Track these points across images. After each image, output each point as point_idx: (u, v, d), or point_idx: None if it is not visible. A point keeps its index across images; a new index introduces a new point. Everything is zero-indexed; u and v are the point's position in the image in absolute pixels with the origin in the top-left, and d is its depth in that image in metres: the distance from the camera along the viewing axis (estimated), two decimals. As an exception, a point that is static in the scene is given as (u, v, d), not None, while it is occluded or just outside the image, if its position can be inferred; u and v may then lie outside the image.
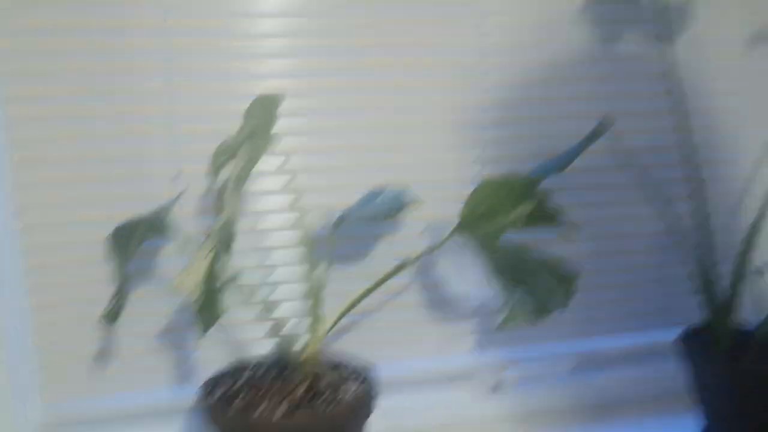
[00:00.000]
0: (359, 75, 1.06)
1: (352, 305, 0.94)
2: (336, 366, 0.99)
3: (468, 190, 1.08)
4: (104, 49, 0.98)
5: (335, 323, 0.94)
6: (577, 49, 1.12)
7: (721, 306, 1.08)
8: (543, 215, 0.98)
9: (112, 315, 0.93)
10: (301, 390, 0.91)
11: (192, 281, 0.82)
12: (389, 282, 1.10)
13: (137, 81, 1.00)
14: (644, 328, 1.23)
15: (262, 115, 0.88)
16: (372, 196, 1.07)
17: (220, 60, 1.01)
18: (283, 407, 0.87)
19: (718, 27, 1.17)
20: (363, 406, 0.90)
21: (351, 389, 0.92)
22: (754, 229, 1.07)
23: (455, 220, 0.95)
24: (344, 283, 1.09)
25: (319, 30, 1.04)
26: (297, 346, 0.92)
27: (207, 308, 0.82)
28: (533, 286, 0.98)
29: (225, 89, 1.02)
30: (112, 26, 0.98)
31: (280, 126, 1.02)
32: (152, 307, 1.05)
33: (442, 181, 1.11)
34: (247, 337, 1.09)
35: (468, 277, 0.99)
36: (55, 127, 0.98)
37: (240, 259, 1.06)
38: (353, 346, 1.12)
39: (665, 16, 1.05)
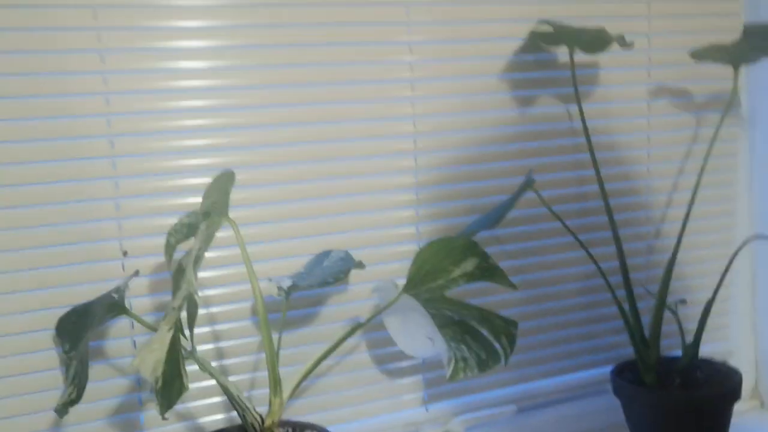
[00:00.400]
0: (301, 146, 1.10)
1: (310, 370, 0.97)
2: (293, 431, 1.01)
3: (410, 248, 1.14)
4: (47, 132, 0.99)
5: (295, 388, 0.96)
6: (500, 113, 1.21)
7: (644, 340, 1.17)
8: (485, 271, 1.05)
9: (66, 407, 0.92)
10: (266, 459, 0.93)
11: (152, 360, 0.83)
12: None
13: (83, 165, 1.01)
14: (580, 366, 1.30)
15: (217, 193, 0.91)
16: (320, 260, 1.11)
17: (164, 139, 1.04)
18: (251, 478, 0.89)
19: (623, 86, 1.28)
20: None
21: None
22: (670, 267, 1.17)
23: (400, 278, 1.01)
24: (298, 347, 1.13)
25: (262, 106, 1.08)
26: (255, 415, 0.94)
27: (168, 386, 0.83)
28: (477, 340, 1.04)
29: (169, 166, 1.04)
30: (55, 111, 0.99)
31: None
32: (102, 387, 1.04)
33: (386, 241, 1.16)
34: (199, 410, 1.09)
35: (416, 334, 1.04)
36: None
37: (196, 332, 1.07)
38: (307, 409, 1.14)
39: (575, 79, 1.16)
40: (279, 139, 1.10)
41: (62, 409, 0.92)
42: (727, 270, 1.14)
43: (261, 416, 0.94)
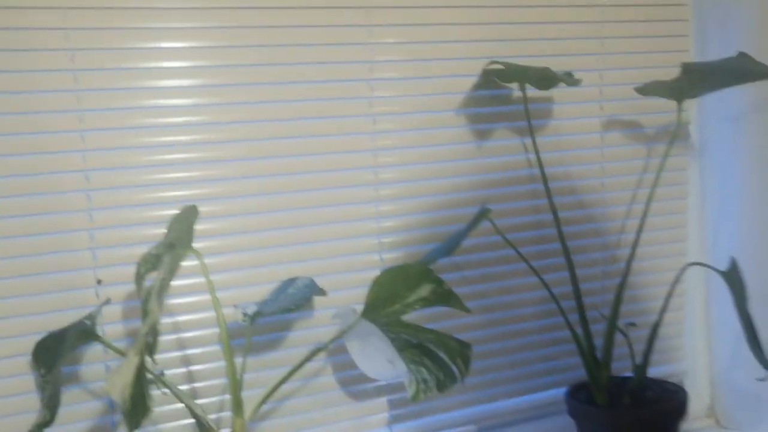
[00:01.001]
0: (268, 179, 1.17)
1: (271, 392, 1.02)
2: (260, 451, 1.06)
3: (374, 275, 1.20)
4: (24, 169, 1.05)
5: (256, 410, 1.01)
6: (458, 146, 1.28)
7: (596, 362, 1.23)
8: (440, 296, 1.11)
9: (40, 428, 0.97)
10: (228, 477, 0.98)
11: (121, 383, 0.88)
12: (305, 366, 1.19)
13: (59, 198, 1.07)
14: (537, 388, 1.36)
15: (181, 226, 0.97)
16: (284, 287, 1.17)
17: (135, 173, 1.10)
18: (213, 495, 0.94)
19: (577, 119, 1.35)
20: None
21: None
22: (619, 291, 1.23)
23: (362, 303, 1.07)
24: (263, 371, 1.18)
25: (230, 141, 1.14)
26: (222, 436, 0.99)
27: (135, 408, 0.88)
28: (435, 362, 1.10)
29: (141, 198, 1.10)
30: (32, 148, 1.05)
31: (199, 230, 1.12)
32: (78, 410, 1.09)
33: (351, 269, 1.22)
34: (177, 430, 1.14)
35: (377, 357, 1.10)
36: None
37: (163, 356, 1.13)
38: (273, 431, 1.19)
39: (528, 113, 1.23)
40: (246, 173, 1.16)
41: (36, 431, 0.97)
42: (670, 295, 1.20)
43: (225, 436, 0.99)
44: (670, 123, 1.39)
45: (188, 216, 0.97)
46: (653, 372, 1.42)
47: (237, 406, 0.99)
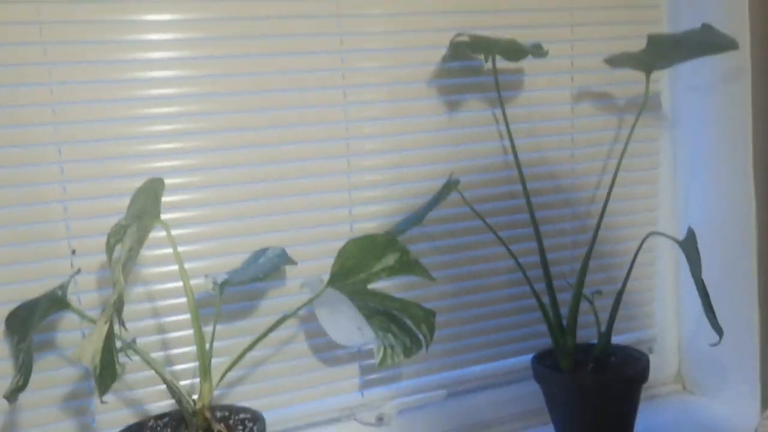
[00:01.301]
0: (240, 151, 1.19)
1: (239, 358, 1.05)
2: (227, 414, 1.10)
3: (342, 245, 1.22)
4: (2, 146, 1.07)
5: (224, 375, 1.05)
6: (429, 118, 1.29)
7: (562, 328, 1.26)
8: (405, 265, 1.13)
9: (14, 393, 1.00)
10: (197, 439, 1.01)
11: (91, 350, 0.92)
12: (279, 334, 1.23)
13: (32, 170, 1.09)
14: (505, 354, 1.39)
15: (147, 198, 0.99)
16: (256, 257, 1.20)
17: (108, 144, 1.12)
18: (182, 456, 0.98)
19: (547, 90, 1.37)
20: (254, 448, 1.01)
21: (243, 434, 1.03)
22: (586, 260, 1.26)
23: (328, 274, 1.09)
24: (235, 338, 1.21)
25: (197, 113, 1.16)
26: (188, 399, 1.03)
27: (105, 373, 0.91)
28: (402, 329, 1.13)
29: (114, 169, 1.13)
30: (5, 122, 1.07)
31: (169, 201, 1.15)
32: (55, 376, 1.13)
33: (322, 239, 1.24)
34: (146, 396, 1.18)
35: (345, 324, 1.13)
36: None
37: (137, 324, 1.16)
38: (248, 396, 1.23)
39: (498, 85, 1.24)
40: (218, 145, 1.18)
41: (11, 396, 1.00)
42: (632, 263, 1.23)
43: (194, 400, 1.03)
44: (641, 94, 1.40)
45: (154, 188, 0.99)
46: (623, 339, 1.46)
47: (204, 372, 1.02)
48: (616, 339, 1.40)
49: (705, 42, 1.16)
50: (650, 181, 1.46)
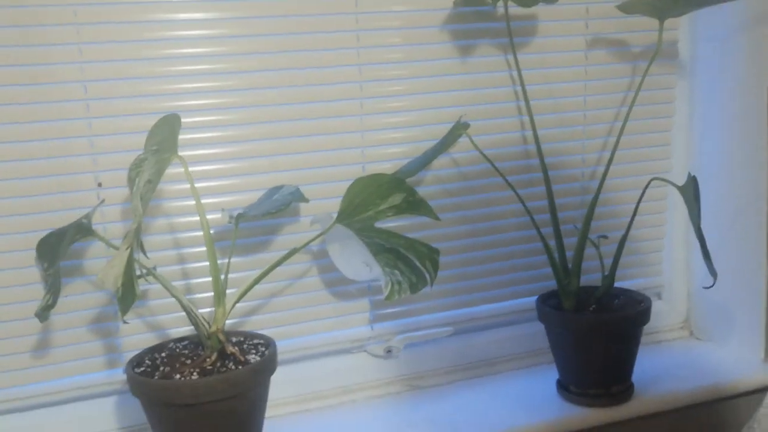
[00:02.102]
0: (255, 92, 1.24)
1: (251, 286, 1.12)
2: (242, 340, 1.17)
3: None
4: (26, 77, 1.13)
5: (237, 301, 1.12)
6: (441, 62, 1.32)
7: (566, 271, 1.29)
8: (411, 204, 1.18)
9: (45, 311, 1.09)
10: (211, 360, 1.09)
11: (113, 275, 0.99)
12: (293, 268, 1.29)
13: (58, 106, 1.15)
14: (511, 295, 1.44)
15: (164, 132, 1.05)
16: (270, 194, 1.25)
17: (132, 82, 1.18)
18: (195, 374, 1.05)
19: (561, 37, 1.38)
20: (264, 369, 1.08)
21: (254, 357, 1.10)
22: (593, 204, 1.28)
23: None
24: (251, 271, 1.28)
25: (219, 55, 1.21)
26: (204, 323, 1.10)
27: (126, 295, 0.99)
28: (408, 266, 1.18)
29: (138, 107, 1.19)
30: (32, 60, 1.13)
31: (191, 138, 1.21)
32: (84, 300, 1.21)
33: (335, 178, 1.29)
34: (168, 322, 1.26)
35: (354, 260, 1.18)
36: (-13, 150, 1.14)
37: (160, 254, 1.23)
38: (263, 326, 1.30)
39: (510, 31, 1.25)
40: (236, 86, 1.23)
41: (42, 314, 1.08)
42: (636, 209, 1.25)
43: (209, 324, 1.10)
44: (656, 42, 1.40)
45: (171, 123, 1.05)
46: (632, 284, 1.49)
47: (218, 298, 1.09)
48: (624, 284, 1.45)
49: (718, -12, 1.16)
50: (664, 128, 1.47)
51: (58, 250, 1.10)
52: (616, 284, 1.31)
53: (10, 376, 1.19)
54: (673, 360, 1.45)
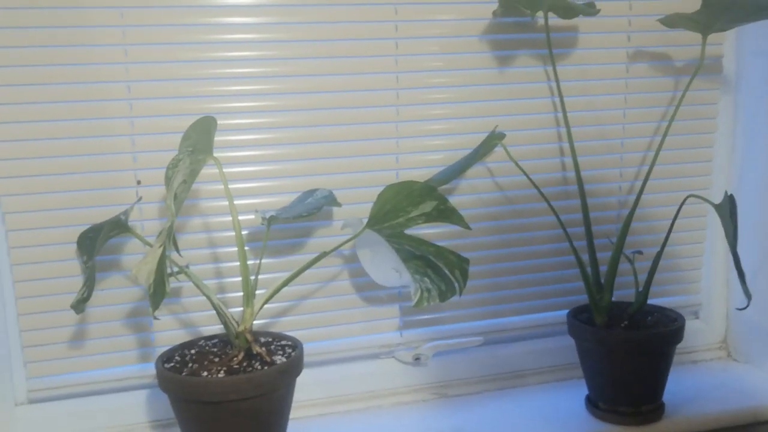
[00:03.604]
0: (292, 96, 1.25)
1: (280, 287, 1.13)
2: (270, 340, 1.18)
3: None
4: (72, 78, 1.17)
5: (265, 302, 1.13)
6: (480, 71, 1.32)
7: (599, 285, 1.28)
8: (442, 212, 1.18)
9: (80, 304, 1.12)
10: (238, 359, 1.11)
11: (146, 271, 1.01)
12: (324, 271, 1.30)
13: (102, 105, 1.19)
14: (543, 308, 1.42)
15: (200, 133, 1.07)
16: (304, 197, 1.27)
17: (174, 84, 1.20)
18: (222, 373, 1.07)
19: (602, 49, 1.37)
20: (289, 370, 1.09)
21: (280, 357, 1.11)
22: (628, 219, 1.27)
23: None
24: (282, 272, 1.29)
25: (260, 59, 1.23)
26: (233, 322, 1.12)
27: (156, 291, 1.01)
28: (438, 273, 1.18)
29: (179, 108, 1.21)
30: (78, 59, 1.17)
31: (229, 140, 1.23)
32: (120, 295, 1.25)
33: (369, 184, 1.30)
34: (199, 319, 1.28)
35: (384, 266, 1.19)
36: (35, 146, 1.17)
37: (194, 252, 1.26)
38: (292, 328, 1.32)
39: (549, 42, 1.25)
40: (277, 90, 1.24)
41: (77, 306, 1.12)
42: (672, 225, 1.23)
43: (237, 323, 1.12)
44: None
45: (207, 125, 1.07)
46: (668, 302, 1.47)
47: (247, 298, 1.11)
48: (660, 301, 1.42)
49: (764, 3, 1.14)
50: (705, 145, 1.45)
51: (95, 245, 1.14)
52: (652, 301, 1.29)
53: (48, 365, 1.23)
54: (709, 381, 1.42)
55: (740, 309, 1.09)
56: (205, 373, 1.07)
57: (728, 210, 1.09)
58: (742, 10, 1.17)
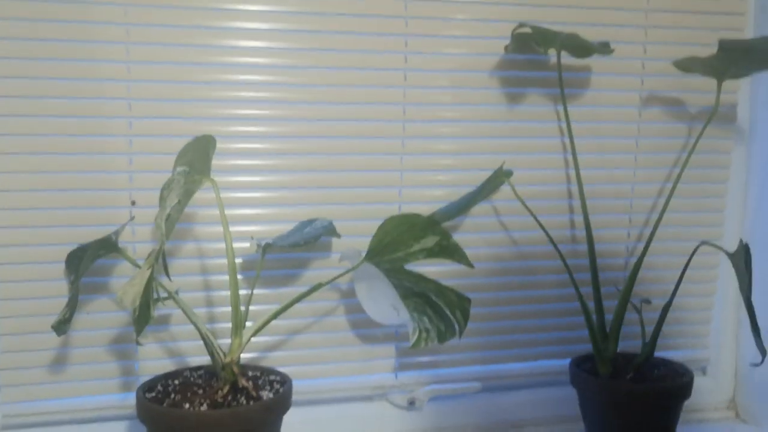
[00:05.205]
0: (296, 123, 1.22)
1: (270, 319, 1.08)
2: (258, 374, 1.13)
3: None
4: (71, 94, 1.14)
5: (254, 333, 1.08)
6: (489, 107, 1.29)
7: (604, 334, 1.23)
8: (444, 249, 1.14)
9: (61, 325, 1.07)
10: (223, 392, 1.05)
11: (132, 293, 0.97)
12: (319, 305, 1.25)
13: (102, 122, 1.16)
14: (544, 355, 1.37)
15: (196, 152, 1.04)
16: (302, 226, 1.23)
17: (175, 104, 1.18)
18: (205, 406, 1.01)
19: (615, 91, 1.34)
20: (276, 407, 1.04)
21: (268, 393, 1.06)
22: (636, 268, 1.22)
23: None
24: (274, 304, 1.25)
25: (262, 83, 1.20)
26: (219, 352, 1.06)
27: (141, 317, 0.96)
28: (437, 313, 1.13)
29: (179, 129, 1.18)
30: (78, 74, 1.14)
31: (228, 164, 1.20)
32: (106, 319, 1.20)
33: (371, 216, 1.26)
34: (187, 349, 1.23)
35: (381, 302, 1.14)
36: (25, 161, 1.14)
37: (185, 278, 1.21)
38: (283, 363, 1.26)
39: (561, 80, 1.22)
40: (281, 115, 1.21)
41: (59, 327, 1.07)
42: (682, 275, 1.18)
43: (224, 354, 1.07)
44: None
45: (204, 144, 1.04)
46: (675, 355, 1.41)
47: (236, 328, 1.06)
48: (667, 354, 1.37)
49: (782, 50, 1.11)
50: (718, 194, 1.41)
51: (80, 265, 1.09)
52: (658, 354, 1.24)
53: (25, 390, 1.18)
54: (716, 442, 1.36)
55: (755, 365, 1.04)
56: (188, 405, 1.01)
57: (743, 259, 1.05)
58: (759, 55, 1.14)
